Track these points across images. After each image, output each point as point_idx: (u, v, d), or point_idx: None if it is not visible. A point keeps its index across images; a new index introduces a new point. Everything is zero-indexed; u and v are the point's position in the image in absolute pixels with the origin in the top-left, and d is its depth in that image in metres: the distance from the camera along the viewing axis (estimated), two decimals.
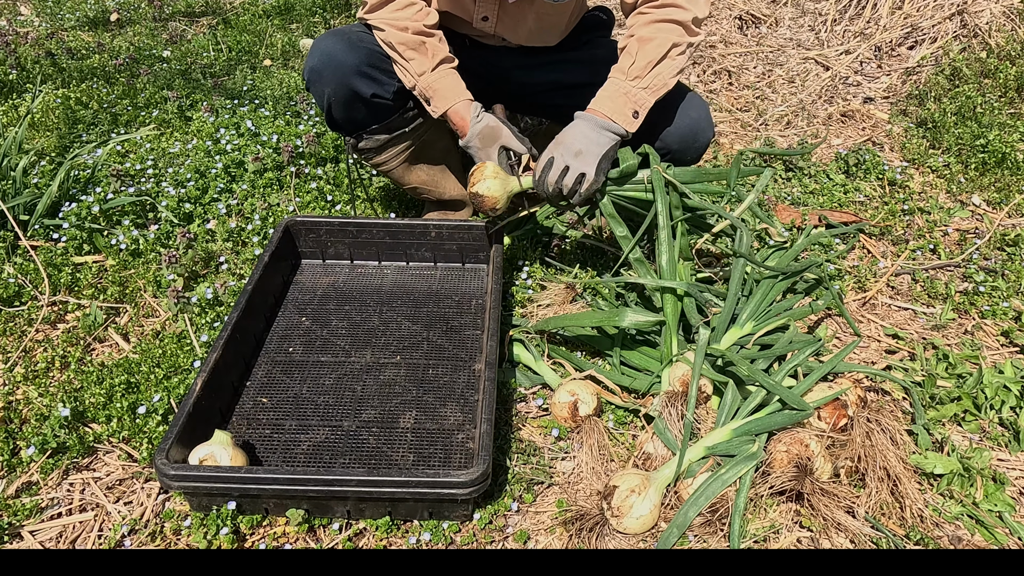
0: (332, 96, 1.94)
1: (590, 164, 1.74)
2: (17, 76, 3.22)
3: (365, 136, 2.05)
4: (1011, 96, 3.07)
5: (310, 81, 1.96)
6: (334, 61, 1.90)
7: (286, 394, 1.73)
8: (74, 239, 2.22)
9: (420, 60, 1.87)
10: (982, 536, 1.48)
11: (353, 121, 2.02)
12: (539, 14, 1.96)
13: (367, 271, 2.14)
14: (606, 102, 1.77)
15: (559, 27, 2.05)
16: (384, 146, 2.09)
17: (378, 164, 2.14)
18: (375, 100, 1.95)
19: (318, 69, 1.92)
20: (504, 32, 2.02)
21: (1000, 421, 1.73)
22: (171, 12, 4.21)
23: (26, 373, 1.80)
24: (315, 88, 1.96)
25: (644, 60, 1.75)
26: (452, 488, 1.37)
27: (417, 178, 2.22)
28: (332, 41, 1.93)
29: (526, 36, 2.03)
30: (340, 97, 1.94)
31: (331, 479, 1.38)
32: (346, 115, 2.00)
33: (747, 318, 1.83)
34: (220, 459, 1.44)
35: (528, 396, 1.78)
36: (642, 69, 1.76)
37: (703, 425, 1.62)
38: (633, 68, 1.76)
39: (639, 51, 1.76)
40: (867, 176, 2.70)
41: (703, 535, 1.46)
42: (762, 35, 3.95)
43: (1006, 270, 2.20)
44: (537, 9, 1.94)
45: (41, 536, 1.47)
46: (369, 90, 1.93)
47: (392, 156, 2.12)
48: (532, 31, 2.02)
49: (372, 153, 2.10)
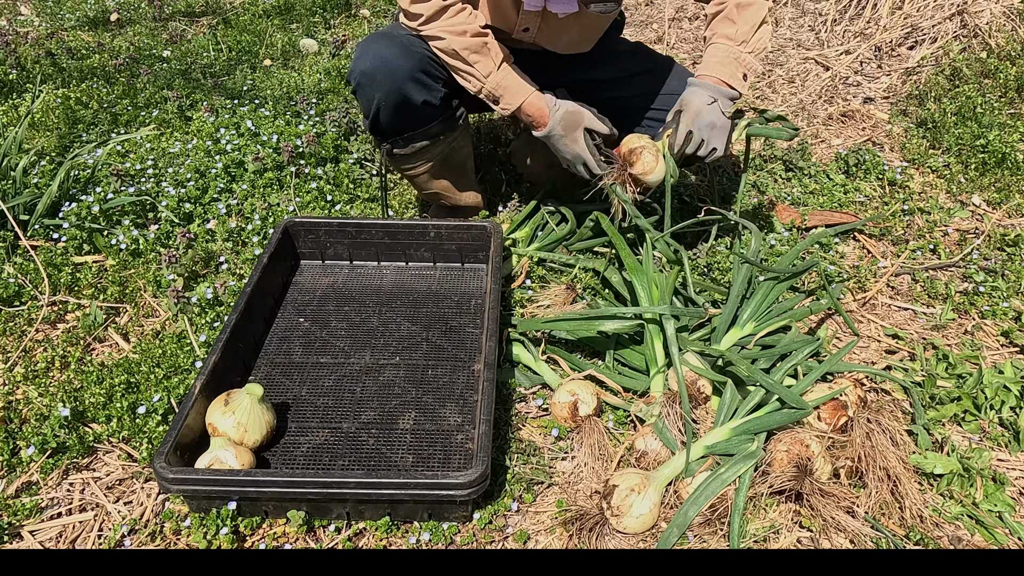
0: (383, 101, 1.90)
1: (722, 137, 1.88)
2: (17, 76, 3.22)
3: (403, 142, 2.02)
4: (1011, 96, 3.07)
5: (360, 85, 1.91)
6: (388, 66, 1.86)
7: (286, 396, 1.72)
8: (74, 239, 2.22)
9: (485, 61, 1.86)
10: (982, 536, 1.48)
11: (397, 127, 1.99)
12: (583, 25, 1.98)
13: (366, 271, 2.14)
14: (720, 68, 1.88)
15: (598, 36, 2.09)
16: (419, 152, 2.06)
17: (407, 169, 2.12)
18: (424, 106, 1.93)
19: (370, 73, 1.87)
20: (543, 42, 2.02)
21: (1000, 421, 1.73)
22: (171, 12, 4.21)
23: (26, 373, 1.81)
24: (364, 92, 1.91)
25: (746, 25, 1.87)
26: (450, 490, 1.37)
27: (440, 185, 2.21)
28: (384, 45, 1.87)
29: (564, 46, 2.04)
30: (391, 102, 1.90)
31: (330, 481, 1.38)
32: (393, 121, 1.96)
33: (748, 319, 1.83)
34: (227, 461, 1.44)
35: (528, 396, 1.78)
36: (746, 33, 1.87)
37: (702, 425, 1.62)
38: (739, 33, 1.87)
39: (739, 17, 1.87)
40: (867, 176, 2.70)
41: (703, 534, 1.46)
42: None
43: (1006, 270, 2.20)
44: (582, 20, 1.94)
45: (41, 536, 1.47)
46: (421, 97, 1.90)
47: (423, 162, 2.10)
48: (572, 41, 2.03)
49: (406, 159, 2.08)
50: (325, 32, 3.97)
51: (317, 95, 3.11)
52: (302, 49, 3.71)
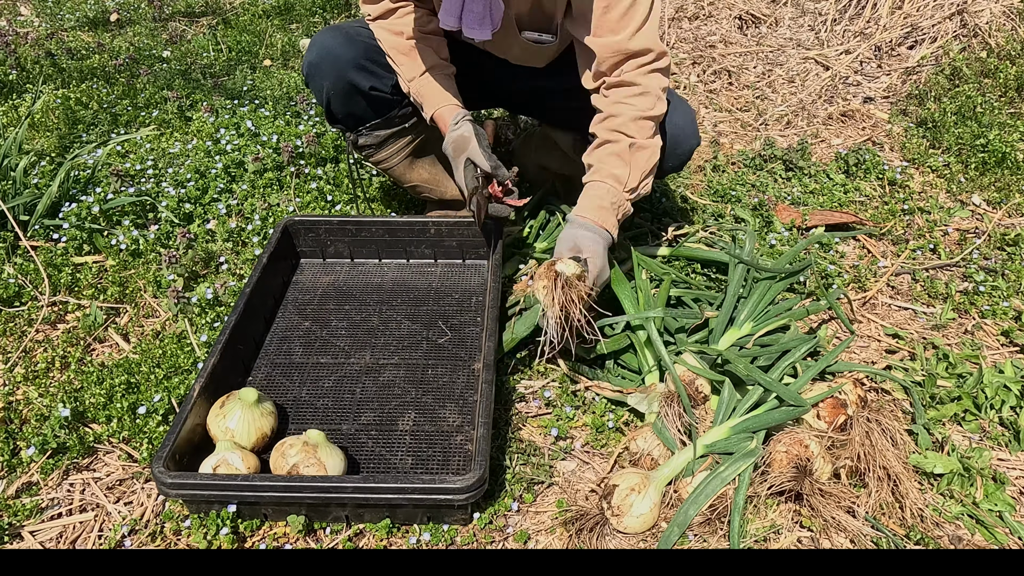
0: (331, 90, 1.96)
1: (601, 276, 1.66)
2: (17, 76, 3.22)
3: (365, 132, 2.06)
4: (1011, 96, 3.07)
5: (309, 75, 1.98)
6: (331, 55, 1.92)
7: (286, 397, 1.72)
8: (74, 239, 2.22)
9: (410, 65, 1.90)
10: (982, 536, 1.48)
11: (352, 116, 2.03)
12: (524, 47, 1.93)
13: (367, 269, 2.14)
14: (600, 213, 1.69)
15: (547, 59, 2.00)
16: (384, 142, 2.10)
17: (379, 162, 2.15)
18: (373, 93, 1.97)
19: (316, 63, 1.94)
20: (494, 51, 2.01)
21: (1000, 421, 1.73)
22: (171, 12, 4.21)
23: (26, 373, 1.81)
24: (314, 82, 1.98)
25: (639, 171, 1.71)
26: (448, 494, 1.37)
27: (419, 176, 2.23)
28: (329, 36, 1.95)
29: (515, 58, 2.02)
30: (339, 90, 1.96)
31: (328, 485, 1.38)
32: (345, 109, 2.01)
33: (745, 319, 1.83)
34: (234, 463, 1.44)
35: (528, 396, 1.78)
36: (636, 180, 1.71)
37: (701, 425, 1.62)
38: (630, 179, 1.70)
39: (633, 160, 1.70)
40: (867, 176, 2.70)
41: (703, 534, 1.46)
42: (762, 35, 3.95)
43: (1006, 270, 2.20)
44: (520, 43, 1.90)
45: (41, 536, 1.47)
46: (367, 83, 1.95)
47: (393, 153, 2.13)
48: (518, 57, 2.00)
49: (373, 150, 2.11)
50: None
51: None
52: (302, 49, 3.71)
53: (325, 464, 1.43)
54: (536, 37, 1.84)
